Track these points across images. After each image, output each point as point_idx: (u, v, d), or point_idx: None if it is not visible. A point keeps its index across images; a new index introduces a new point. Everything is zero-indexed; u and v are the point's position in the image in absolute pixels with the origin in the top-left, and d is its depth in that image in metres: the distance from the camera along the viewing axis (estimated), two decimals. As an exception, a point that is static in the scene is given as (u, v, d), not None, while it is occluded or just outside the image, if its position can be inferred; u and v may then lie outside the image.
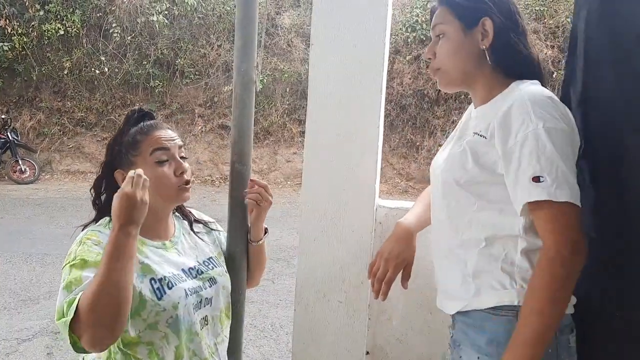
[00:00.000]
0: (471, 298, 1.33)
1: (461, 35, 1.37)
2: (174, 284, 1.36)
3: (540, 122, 1.19)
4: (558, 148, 1.18)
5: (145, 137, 1.41)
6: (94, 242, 1.33)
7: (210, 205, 8.51)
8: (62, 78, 12.05)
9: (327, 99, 1.77)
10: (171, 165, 1.41)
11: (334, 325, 1.83)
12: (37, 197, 9.49)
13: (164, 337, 1.33)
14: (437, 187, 1.43)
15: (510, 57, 1.36)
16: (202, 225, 1.65)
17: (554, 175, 1.16)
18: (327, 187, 1.80)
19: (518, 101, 1.24)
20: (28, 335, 4.06)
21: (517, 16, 1.38)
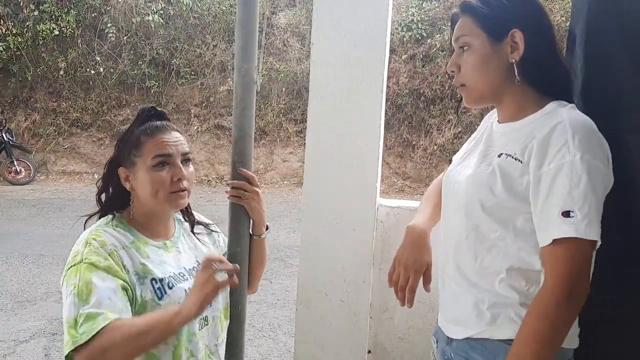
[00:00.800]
0: (485, 326, 1.27)
1: (488, 48, 1.27)
2: (175, 284, 1.36)
3: (579, 153, 1.13)
4: (592, 183, 1.13)
5: (149, 139, 1.40)
6: (100, 244, 1.31)
7: (207, 206, 8.50)
8: (57, 78, 12.00)
9: (328, 99, 1.78)
10: (170, 170, 1.39)
11: (336, 325, 1.83)
12: (32, 198, 9.45)
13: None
14: (458, 204, 1.34)
15: (542, 72, 1.27)
16: (202, 226, 1.64)
17: (585, 211, 1.12)
18: (328, 187, 1.80)
19: (560, 127, 1.17)
20: (25, 337, 4.05)
21: (548, 26, 1.31)
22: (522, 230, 1.23)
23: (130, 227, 1.41)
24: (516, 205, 1.22)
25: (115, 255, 1.30)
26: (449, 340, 1.37)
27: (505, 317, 1.24)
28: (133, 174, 1.40)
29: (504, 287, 1.25)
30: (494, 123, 1.39)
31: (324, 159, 1.79)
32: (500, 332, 1.25)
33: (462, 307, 1.33)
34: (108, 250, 1.30)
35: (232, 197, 1.52)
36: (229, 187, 1.51)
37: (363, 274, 1.79)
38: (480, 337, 1.28)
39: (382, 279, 1.88)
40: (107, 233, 1.35)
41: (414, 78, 11.23)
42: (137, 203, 1.43)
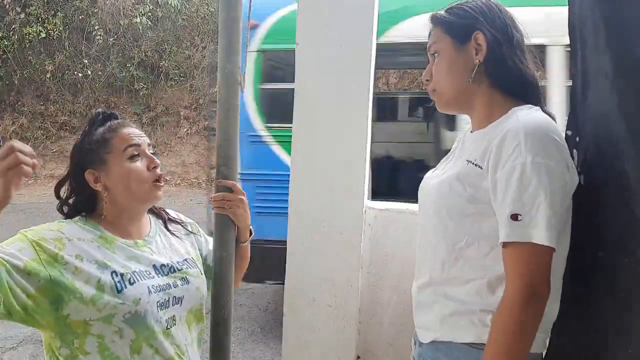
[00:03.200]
0: (448, 330, 1.29)
1: (454, 51, 1.33)
2: (137, 280, 1.32)
3: (530, 156, 1.14)
4: (543, 185, 1.13)
5: (114, 135, 1.39)
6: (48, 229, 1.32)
7: (197, 208, 8.45)
8: (45, 81, 11.92)
9: (313, 100, 1.75)
10: (143, 161, 1.39)
11: (324, 330, 1.81)
12: (20, 202, 9.36)
13: (118, 332, 1.28)
14: (428, 212, 1.37)
15: (506, 72, 1.30)
16: (180, 226, 1.61)
17: (533, 215, 1.13)
18: (315, 190, 1.78)
19: (513, 130, 1.19)
20: (13, 344, 4.01)
21: (512, 29, 1.33)
22: (488, 236, 1.24)
23: (99, 227, 1.38)
24: (481, 210, 1.24)
25: (60, 243, 1.28)
26: (421, 343, 1.40)
27: (467, 322, 1.26)
28: (105, 172, 1.38)
29: (468, 295, 1.27)
30: (467, 134, 1.43)
31: (310, 162, 1.77)
32: (463, 336, 1.27)
33: (428, 313, 1.36)
34: (56, 237, 1.29)
35: (215, 208, 1.51)
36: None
37: (351, 278, 1.77)
38: (444, 340, 1.30)
39: (370, 282, 1.87)
40: (68, 226, 1.35)
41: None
42: (109, 204, 1.40)
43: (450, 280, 1.30)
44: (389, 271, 1.83)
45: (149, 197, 1.41)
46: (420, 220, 1.45)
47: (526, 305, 1.13)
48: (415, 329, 1.45)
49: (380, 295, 1.54)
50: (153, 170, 1.39)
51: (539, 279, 1.14)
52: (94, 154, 1.39)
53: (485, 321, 1.23)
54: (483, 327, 1.23)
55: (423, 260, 1.40)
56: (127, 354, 1.29)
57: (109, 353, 1.28)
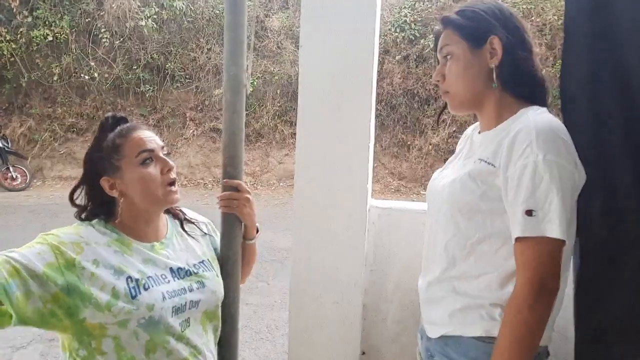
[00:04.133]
0: (457, 325, 1.33)
1: (469, 55, 1.35)
2: (151, 286, 1.33)
3: (541, 154, 1.18)
4: (555, 182, 1.17)
5: (125, 140, 1.38)
6: (67, 233, 1.32)
7: (203, 209, 8.47)
8: (52, 84, 11.98)
9: (317, 101, 1.78)
10: (157, 165, 1.39)
11: (329, 327, 1.83)
12: (29, 204, 9.42)
13: (133, 334, 1.30)
14: (439, 211, 1.39)
15: (519, 76, 1.34)
16: (196, 226, 1.61)
17: (546, 210, 1.17)
18: (319, 189, 1.80)
19: (524, 129, 1.23)
20: (22, 343, 4.03)
21: (524, 34, 1.36)
22: (499, 233, 1.27)
23: (116, 229, 1.39)
24: (492, 207, 1.27)
25: (78, 247, 1.28)
26: (429, 338, 1.43)
27: (476, 316, 1.30)
28: (120, 178, 1.38)
29: (477, 290, 1.30)
30: (474, 134, 1.46)
31: (315, 161, 1.79)
32: (471, 330, 1.30)
33: (437, 308, 1.39)
34: (75, 241, 1.29)
35: (222, 207, 1.54)
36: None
37: (355, 276, 1.79)
38: (453, 335, 1.34)
39: (374, 280, 1.89)
40: (86, 229, 1.35)
41: (408, 78, 11.25)
42: (126, 208, 1.40)
43: (461, 275, 1.33)
44: (393, 269, 1.85)
45: (165, 200, 1.41)
46: (429, 219, 1.47)
47: (538, 298, 1.17)
48: (423, 324, 1.48)
49: (384, 293, 1.56)
50: (167, 174, 1.39)
51: (551, 272, 1.18)
52: (106, 161, 1.39)
53: (494, 315, 1.27)
54: (492, 321, 1.27)
55: (432, 257, 1.42)
56: (141, 354, 1.31)
57: (124, 353, 1.29)
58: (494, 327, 1.26)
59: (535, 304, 1.17)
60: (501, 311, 1.26)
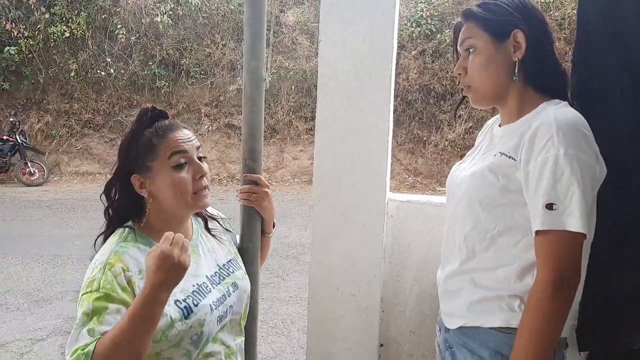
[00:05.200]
0: (476, 316, 1.33)
1: (492, 48, 1.34)
2: (199, 301, 1.31)
3: (562, 148, 1.18)
4: (576, 176, 1.17)
5: (162, 140, 1.32)
6: (119, 271, 1.23)
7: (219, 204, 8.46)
8: (69, 80, 12.10)
9: (336, 94, 1.78)
10: (190, 170, 1.34)
11: (348, 319, 1.84)
12: (46, 198, 9.53)
13: (185, 354, 1.29)
14: (459, 204, 1.39)
15: (542, 69, 1.33)
16: (219, 224, 1.61)
17: (567, 204, 1.17)
18: (338, 182, 1.80)
19: (545, 124, 1.22)
20: (42, 336, 4.09)
21: (546, 27, 1.36)
22: (519, 225, 1.27)
23: (148, 240, 1.33)
24: (513, 200, 1.27)
25: (133, 284, 1.23)
26: (447, 329, 1.43)
27: (495, 307, 1.30)
28: (150, 179, 1.33)
29: (496, 281, 1.31)
30: (494, 127, 1.46)
31: (333, 154, 1.80)
32: (491, 320, 1.30)
33: (456, 300, 1.39)
34: (127, 278, 1.23)
35: (242, 200, 1.56)
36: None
37: (374, 268, 1.80)
38: (472, 326, 1.34)
39: (393, 272, 1.89)
40: (127, 255, 1.27)
41: (424, 74, 11.18)
42: (155, 209, 1.36)
43: (480, 267, 1.33)
44: (411, 261, 1.85)
45: (195, 205, 1.37)
46: (448, 211, 1.48)
47: (558, 291, 1.17)
48: (441, 316, 1.48)
49: (402, 285, 1.56)
50: (199, 180, 1.35)
51: (571, 265, 1.19)
52: (139, 159, 1.33)
53: (512, 306, 1.28)
54: (510, 311, 1.27)
55: (451, 249, 1.43)
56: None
57: None
58: (513, 318, 1.27)
59: (556, 297, 1.17)
60: (520, 302, 1.27)
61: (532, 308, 1.20)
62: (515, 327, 1.25)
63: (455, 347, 1.39)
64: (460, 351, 1.37)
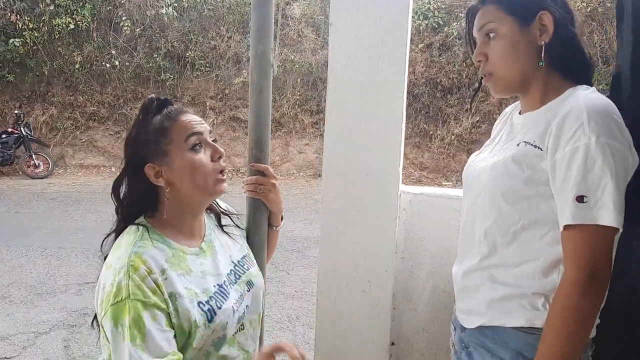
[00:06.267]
0: (497, 315, 1.26)
1: (517, 32, 1.25)
2: (222, 303, 1.26)
3: (594, 136, 1.10)
4: (609, 166, 1.09)
5: (174, 123, 1.28)
6: (145, 273, 1.15)
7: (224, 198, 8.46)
8: (74, 72, 12.09)
9: (347, 82, 1.71)
10: (207, 151, 1.30)
11: (358, 315, 1.78)
12: (51, 191, 9.54)
13: (205, 355, 1.25)
14: (479, 197, 1.31)
15: (569, 54, 1.25)
16: (231, 219, 1.55)
17: (599, 196, 1.09)
18: (348, 174, 1.74)
19: (575, 110, 1.15)
20: (45, 329, 4.07)
21: (569, 7, 1.28)
22: (545, 218, 1.20)
23: (164, 238, 1.26)
24: (538, 192, 1.20)
25: (160, 286, 1.16)
26: (463, 328, 1.37)
27: (518, 305, 1.23)
28: (167, 165, 1.26)
29: (519, 278, 1.23)
30: (514, 115, 1.38)
31: (344, 144, 1.73)
32: (512, 320, 1.23)
33: (475, 298, 1.32)
34: (154, 280, 1.16)
35: (248, 192, 1.50)
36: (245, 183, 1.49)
37: (385, 263, 1.74)
38: (491, 325, 1.27)
39: (405, 268, 1.83)
40: (148, 255, 1.19)
41: (431, 67, 11.10)
42: (172, 200, 1.29)
43: (501, 263, 1.26)
44: (424, 256, 1.79)
45: (215, 190, 1.31)
46: (465, 204, 1.40)
47: (589, 290, 1.10)
48: (456, 314, 1.42)
49: (415, 281, 1.50)
50: (218, 161, 1.31)
51: (602, 262, 1.11)
52: (153, 145, 1.27)
53: (536, 304, 1.20)
54: (534, 310, 1.21)
55: (470, 243, 1.35)
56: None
57: None
58: (537, 317, 1.20)
59: (587, 295, 1.10)
60: (544, 300, 1.20)
61: (560, 307, 1.13)
62: (539, 327, 1.18)
63: (472, 347, 1.32)
64: (478, 351, 1.30)
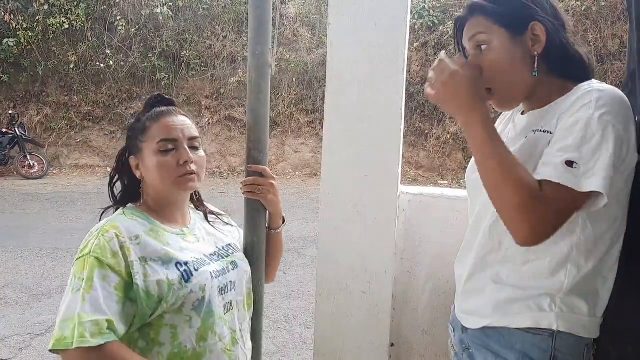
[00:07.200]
0: (502, 316, 1.25)
1: (509, 44, 1.23)
2: (199, 267, 1.34)
3: (598, 112, 1.09)
4: (606, 142, 1.07)
5: (154, 124, 1.38)
6: (113, 236, 1.27)
7: (219, 198, 8.47)
8: (68, 72, 12.05)
9: (346, 82, 1.70)
10: (176, 155, 1.36)
11: (357, 317, 1.78)
12: (46, 192, 9.50)
13: (188, 321, 1.30)
14: (485, 196, 1.24)
15: (566, 59, 1.25)
16: (219, 218, 1.61)
17: (590, 166, 1.07)
18: (347, 174, 1.73)
19: (586, 92, 1.15)
20: (41, 330, 4.05)
21: (558, 12, 1.27)
22: None
23: (146, 216, 1.38)
24: None
25: (126, 249, 1.26)
26: (465, 329, 1.35)
27: (523, 307, 1.22)
28: (142, 160, 1.39)
29: (525, 278, 1.22)
30: (516, 117, 1.37)
31: (342, 144, 1.73)
32: (518, 321, 1.23)
33: (479, 298, 1.31)
34: (120, 243, 1.27)
35: (246, 193, 1.51)
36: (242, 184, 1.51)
37: (385, 264, 1.73)
38: (496, 326, 1.26)
39: (405, 269, 1.82)
40: (122, 223, 1.32)
41: (426, 66, 11.09)
42: (148, 191, 1.41)
43: (508, 261, 1.25)
44: (424, 257, 1.78)
45: (178, 189, 1.40)
46: (472, 203, 1.39)
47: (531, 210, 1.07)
48: (455, 314, 1.41)
49: (414, 282, 1.50)
50: (183, 166, 1.36)
51: (561, 219, 1.09)
52: (135, 140, 1.40)
53: (542, 306, 1.20)
54: (540, 311, 1.20)
55: (474, 242, 1.34)
56: (193, 342, 1.31)
57: (177, 343, 1.29)
58: (542, 318, 1.19)
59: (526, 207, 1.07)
60: (551, 301, 1.19)
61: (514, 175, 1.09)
62: (545, 327, 1.18)
63: (474, 349, 1.31)
64: (480, 352, 1.29)
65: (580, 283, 1.19)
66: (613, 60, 9.90)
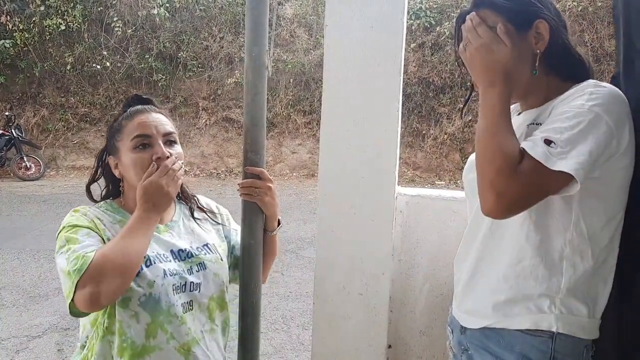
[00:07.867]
0: (502, 317, 1.25)
1: (515, 39, 1.23)
2: (153, 263, 1.35)
3: (589, 103, 1.10)
4: (591, 132, 1.08)
5: (128, 123, 1.41)
6: (82, 213, 1.37)
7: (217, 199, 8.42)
8: (65, 73, 12.02)
9: (343, 83, 1.70)
10: (150, 151, 1.39)
11: (355, 318, 1.77)
12: (43, 193, 9.48)
13: (134, 316, 1.31)
14: None
15: (567, 59, 1.26)
16: (208, 216, 1.61)
17: (566, 150, 1.06)
18: (344, 175, 1.73)
19: (581, 88, 1.16)
20: (38, 332, 4.04)
21: (560, 13, 1.28)
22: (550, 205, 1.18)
23: (119, 209, 1.44)
24: None
25: (97, 222, 1.36)
26: (463, 330, 1.35)
27: (523, 308, 1.22)
28: (119, 159, 1.42)
29: (524, 279, 1.22)
30: (512, 117, 1.34)
31: (340, 145, 1.72)
32: (517, 322, 1.23)
33: (478, 299, 1.31)
34: (90, 217, 1.36)
35: (243, 195, 1.50)
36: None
37: (382, 266, 1.73)
38: (496, 327, 1.26)
39: (402, 270, 1.82)
40: (91, 210, 1.41)
41: (423, 67, 11.12)
42: (127, 189, 1.44)
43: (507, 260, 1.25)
44: (421, 259, 1.78)
45: None
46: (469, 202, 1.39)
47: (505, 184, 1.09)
48: (454, 315, 1.41)
49: (412, 283, 1.50)
50: (157, 162, 1.38)
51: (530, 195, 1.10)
52: (112, 140, 1.44)
53: (542, 307, 1.20)
54: (539, 313, 1.20)
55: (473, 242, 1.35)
56: (142, 337, 1.32)
57: (125, 338, 1.31)
58: (542, 320, 1.19)
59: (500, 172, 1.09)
60: (550, 303, 1.19)
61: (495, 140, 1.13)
62: (545, 329, 1.18)
63: (473, 350, 1.31)
64: (479, 353, 1.29)
65: (579, 283, 1.19)
66: (609, 60, 9.91)
